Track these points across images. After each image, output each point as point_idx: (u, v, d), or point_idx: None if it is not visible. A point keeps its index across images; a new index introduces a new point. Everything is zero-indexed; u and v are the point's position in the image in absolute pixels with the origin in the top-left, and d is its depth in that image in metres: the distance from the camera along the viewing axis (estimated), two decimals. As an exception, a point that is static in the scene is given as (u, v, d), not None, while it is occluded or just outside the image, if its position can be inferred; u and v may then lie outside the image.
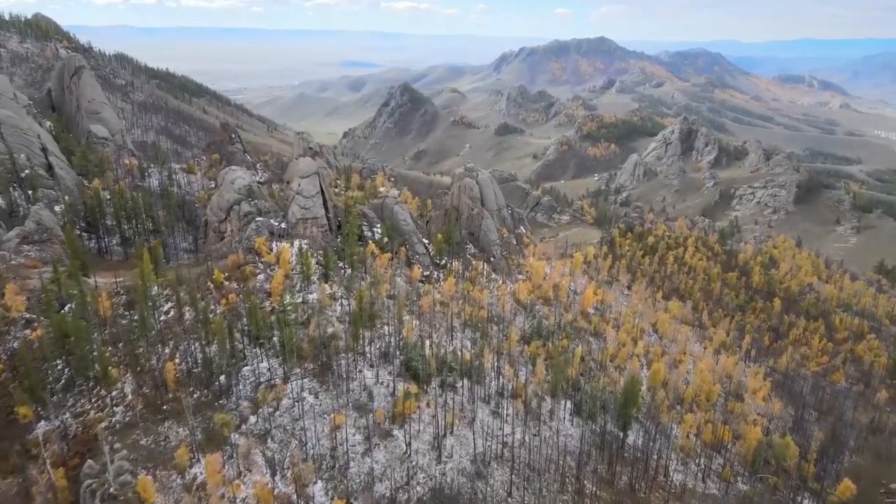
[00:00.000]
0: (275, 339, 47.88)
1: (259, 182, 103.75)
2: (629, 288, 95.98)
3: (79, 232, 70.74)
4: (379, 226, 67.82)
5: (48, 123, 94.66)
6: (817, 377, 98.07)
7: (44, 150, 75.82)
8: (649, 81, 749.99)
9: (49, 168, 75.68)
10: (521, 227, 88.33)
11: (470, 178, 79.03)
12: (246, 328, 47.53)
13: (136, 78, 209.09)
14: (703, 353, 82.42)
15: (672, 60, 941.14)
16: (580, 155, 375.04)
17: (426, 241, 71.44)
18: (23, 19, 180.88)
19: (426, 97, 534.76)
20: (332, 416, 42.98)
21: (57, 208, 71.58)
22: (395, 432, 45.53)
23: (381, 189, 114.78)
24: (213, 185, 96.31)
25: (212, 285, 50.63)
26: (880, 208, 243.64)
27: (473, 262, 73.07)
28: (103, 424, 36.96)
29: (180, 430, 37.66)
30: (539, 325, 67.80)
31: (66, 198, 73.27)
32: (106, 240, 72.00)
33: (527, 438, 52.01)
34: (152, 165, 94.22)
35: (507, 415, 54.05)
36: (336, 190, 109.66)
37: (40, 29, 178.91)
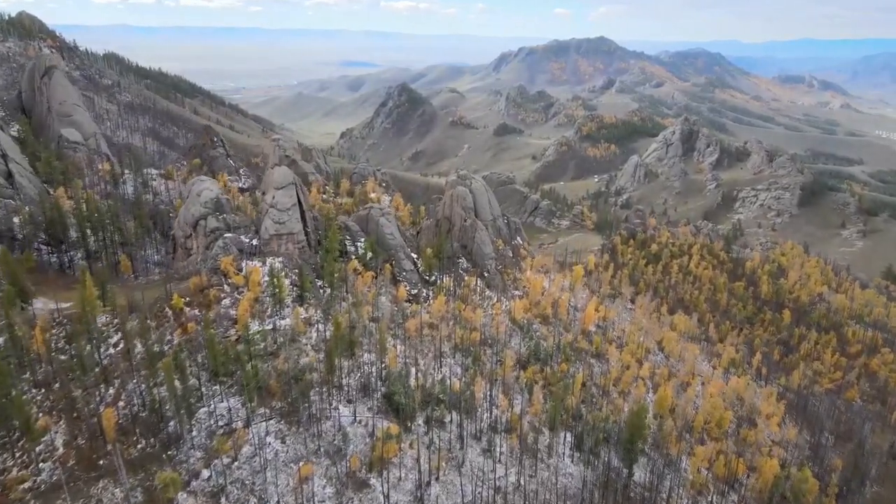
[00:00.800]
0: (240, 373, 42.55)
1: (242, 189, 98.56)
2: (633, 301, 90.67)
3: (38, 246, 65.58)
4: (363, 240, 62.49)
5: (16, 127, 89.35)
6: (831, 395, 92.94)
7: (3, 156, 70.40)
8: (649, 81, 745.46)
9: (9, 176, 70.26)
10: (518, 238, 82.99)
11: (463, 186, 73.69)
12: (206, 362, 42.18)
13: (123, 78, 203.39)
14: (712, 373, 77.16)
15: (672, 60, 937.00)
16: (580, 156, 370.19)
17: (415, 256, 66.09)
18: (6, 17, 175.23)
19: (424, 97, 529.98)
20: (300, 466, 37.65)
21: (16, 219, 66.35)
22: (373, 481, 40.23)
23: (372, 195, 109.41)
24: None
25: (170, 312, 45.30)
26: (886, 211, 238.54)
27: (466, 278, 67.79)
28: (26, 485, 31.71)
29: (117, 490, 32.39)
30: (537, 348, 62.52)
31: (27, 208, 67.89)
32: (70, 254, 66.66)
33: (522, 481, 46.71)
34: (127, 171, 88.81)
35: (500, 453, 48.75)
36: (324, 196, 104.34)
37: (24, 27, 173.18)
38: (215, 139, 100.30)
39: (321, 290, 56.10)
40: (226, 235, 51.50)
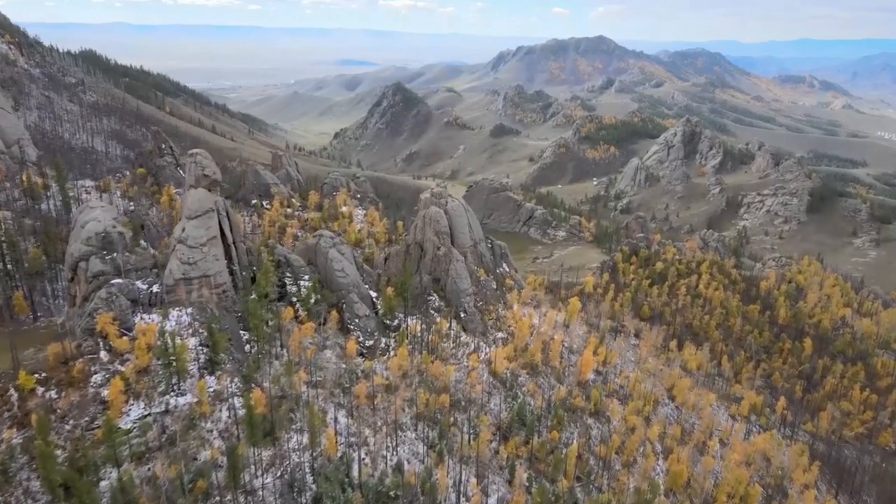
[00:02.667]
0: (105, 481, 30.79)
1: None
2: (637, 336, 78.87)
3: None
4: (308, 278, 50.60)
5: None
6: (863, 441, 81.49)
7: None
8: (649, 81, 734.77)
9: None
10: (504, 265, 71.12)
11: (437, 206, 61.80)
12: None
13: (91, 76, 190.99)
14: (732, 427, 65.42)
15: (671, 60, 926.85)
16: (578, 158, 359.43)
17: (374, 295, 54.22)
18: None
19: (419, 97, 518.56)
20: None
21: None
22: None
23: (343, 208, 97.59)
24: (131, 209, 79.37)
25: (15, 395, 33.45)
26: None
27: (438, 320, 55.99)
28: None
29: None
30: (521, 410, 50.76)
31: None
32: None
33: None
34: (54, 184, 76.84)
35: (468, 572, 37.03)
36: (288, 210, 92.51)
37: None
38: (163, 146, 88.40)
39: (249, 347, 44.31)
40: (113, 282, 39.69)
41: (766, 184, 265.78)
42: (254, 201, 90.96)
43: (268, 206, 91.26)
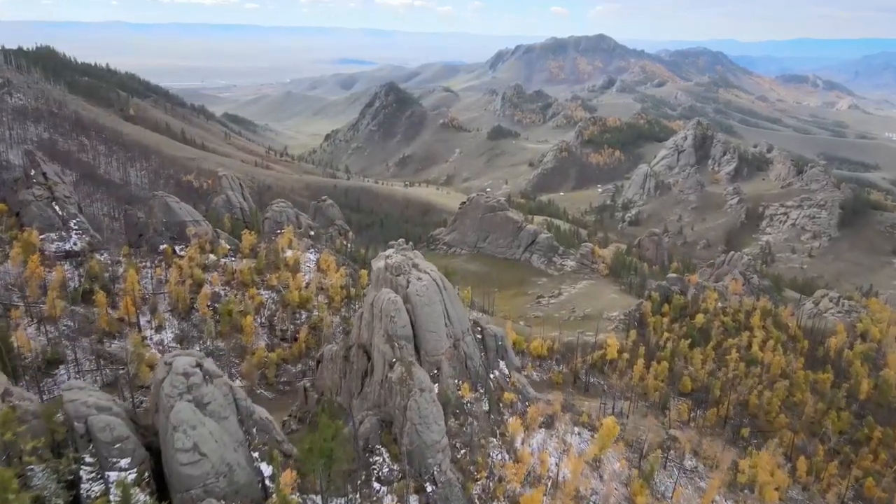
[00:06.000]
0: None
1: (66, 252, 62.54)
2: (696, 454, 54.87)
3: None
4: (128, 463, 26.52)
5: None
6: None
7: None
8: (650, 81, 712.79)
9: None
10: (502, 364, 46.99)
11: (392, 288, 37.84)
12: None
13: (24, 75, 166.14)
14: None
15: (672, 59, 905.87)
16: (581, 163, 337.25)
17: (268, 473, 30.16)
18: None
19: (414, 97, 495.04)
20: None
21: None
22: None
23: (287, 253, 73.32)
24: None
25: None
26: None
27: (386, 504, 32.16)
28: None
29: None
30: None
31: None
32: None
33: None
34: None
35: None
36: (209, 257, 68.23)
37: None
38: (33, 173, 64.40)
39: None
40: None
41: (789, 194, 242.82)
42: (162, 246, 66.83)
43: (182, 253, 67.20)
